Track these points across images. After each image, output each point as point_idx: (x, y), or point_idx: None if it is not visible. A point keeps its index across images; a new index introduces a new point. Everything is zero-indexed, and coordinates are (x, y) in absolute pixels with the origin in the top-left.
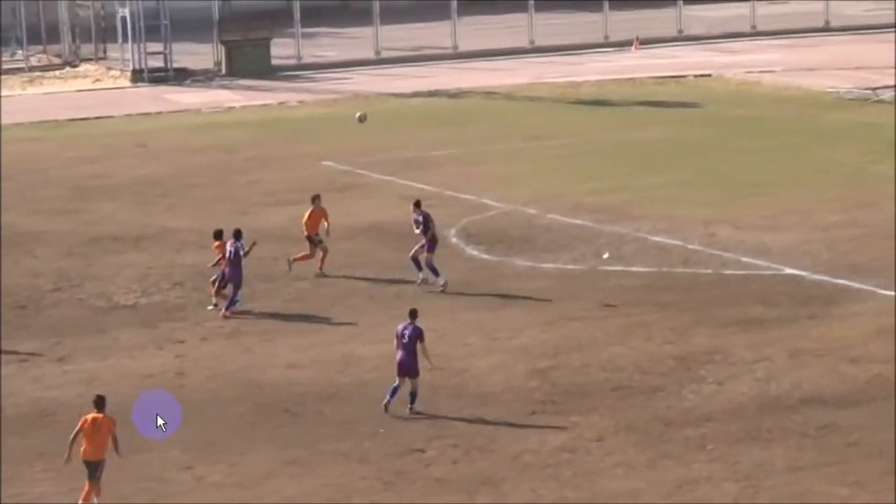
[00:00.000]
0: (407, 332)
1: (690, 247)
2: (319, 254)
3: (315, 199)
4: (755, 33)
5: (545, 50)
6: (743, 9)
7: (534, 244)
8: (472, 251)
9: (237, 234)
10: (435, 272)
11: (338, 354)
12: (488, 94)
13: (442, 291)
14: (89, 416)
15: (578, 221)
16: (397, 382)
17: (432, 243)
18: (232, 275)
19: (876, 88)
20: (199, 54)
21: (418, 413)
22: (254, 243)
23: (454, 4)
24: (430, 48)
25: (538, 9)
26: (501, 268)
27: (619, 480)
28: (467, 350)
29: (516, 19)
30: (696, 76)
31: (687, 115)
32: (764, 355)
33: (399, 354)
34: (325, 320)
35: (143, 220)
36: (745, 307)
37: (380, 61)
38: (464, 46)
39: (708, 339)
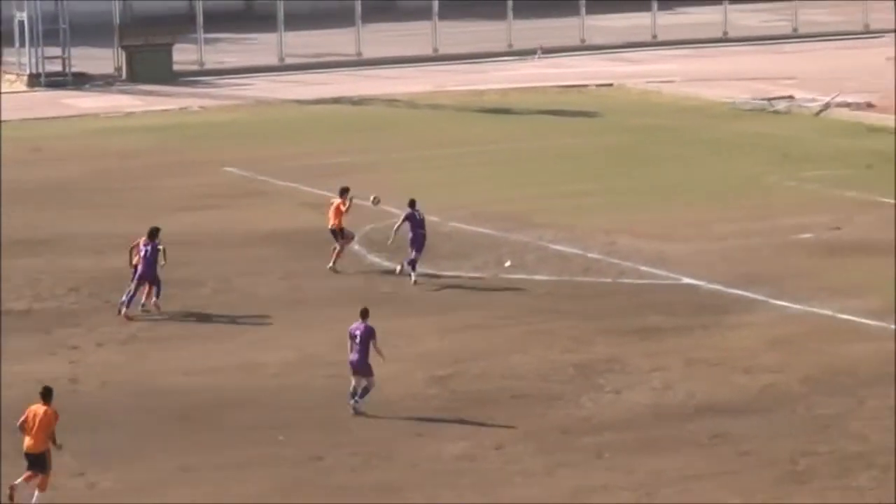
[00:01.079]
0: (359, 332)
1: (591, 256)
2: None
3: (344, 191)
4: (655, 43)
5: (449, 58)
6: (644, 19)
7: (435, 252)
8: (373, 258)
9: (153, 234)
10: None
11: (236, 361)
12: (391, 101)
13: (415, 283)
14: (35, 408)
15: (480, 230)
16: (354, 382)
17: (422, 244)
18: (145, 274)
19: (771, 99)
20: (100, 59)
21: (361, 413)
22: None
23: (358, 11)
24: (334, 55)
25: (442, 17)
26: (403, 275)
27: (518, 488)
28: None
29: (420, 27)
30: (597, 86)
31: (589, 125)
32: (660, 364)
33: (352, 355)
34: (224, 327)
35: (38, 225)
36: (643, 316)
37: (283, 67)
38: (367, 53)
39: (606, 348)
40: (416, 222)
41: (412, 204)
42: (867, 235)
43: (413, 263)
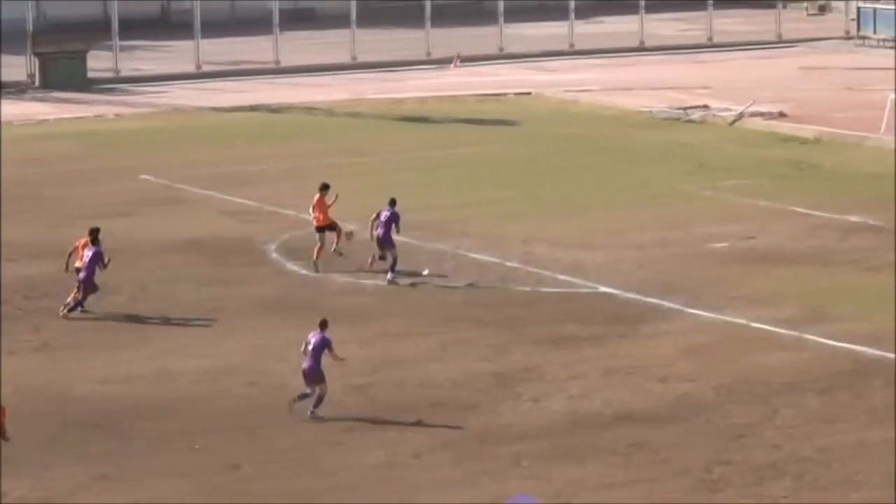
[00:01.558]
0: (314, 341)
1: (509, 264)
2: (334, 237)
3: (323, 187)
4: (573, 52)
5: (367, 66)
6: (561, 28)
7: (354, 260)
8: (291, 266)
9: (93, 234)
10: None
11: (152, 369)
12: (309, 109)
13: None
14: None
15: (398, 238)
16: (308, 390)
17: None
18: (87, 276)
19: (687, 108)
20: (12, 66)
21: (319, 417)
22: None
23: (275, 19)
24: (252, 63)
25: (360, 25)
26: (321, 283)
27: (437, 496)
28: (285, 366)
29: (338, 35)
30: (516, 94)
31: (507, 134)
32: (578, 373)
33: (305, 363)
34: (140, 335)
35: None
36: (561, 325)
37: (200, 75)
38: (285, 61)
39: (524, 357)
40: (381, 218)
41: (392, 203)
42: (781, 244)
43: (393, 260)
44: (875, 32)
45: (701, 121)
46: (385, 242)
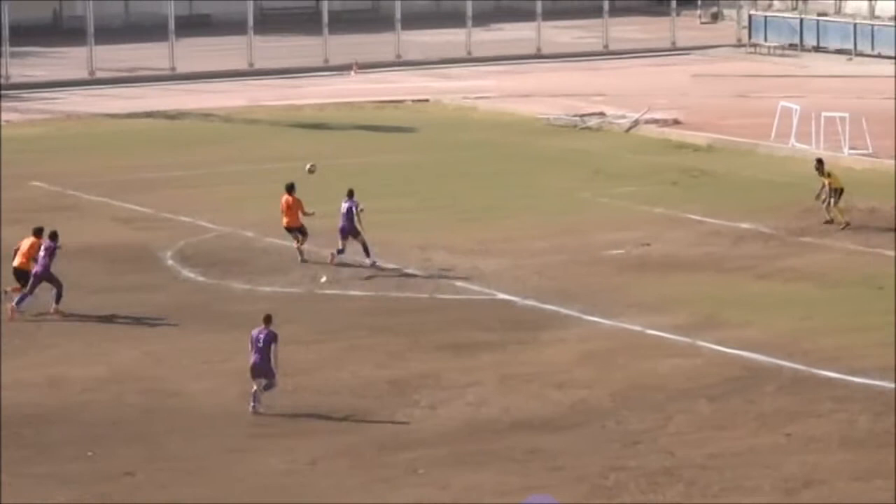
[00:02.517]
0: (262, 337)
1: (407, 271)
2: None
3: (289, 188)
4: (471, 59)
5: (264, 73)
6: (459, 35)
7: (251, 267)
8: (188, 274)
9: (52, 236)
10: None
11: (42, 377)
12: (207, 116)
13: (373, 265)
14: None
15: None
16: (255, 386)
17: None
18: (41, 274)
19: (583, 115)
20: None
21: (260, 413)
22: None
23: (171, 25)
24: (148, 69)
25: (257, 31)
26: (218, 291)
27: (334, 503)
28: (181, 373)
29: (235, 41)
30: (414, 101)
31: (405, 140)
32: (475, 380)
33: (253, 357)
34: (33, 342)
35: None
36: (458, 332)
37: (94, 81)
38: (182, 68)
39: (422, 364)
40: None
41: (350, 194)
42: (675, 251)
43: (342, 251)
44: (766, 40)
45: (597, 128)
46: (348, 233)
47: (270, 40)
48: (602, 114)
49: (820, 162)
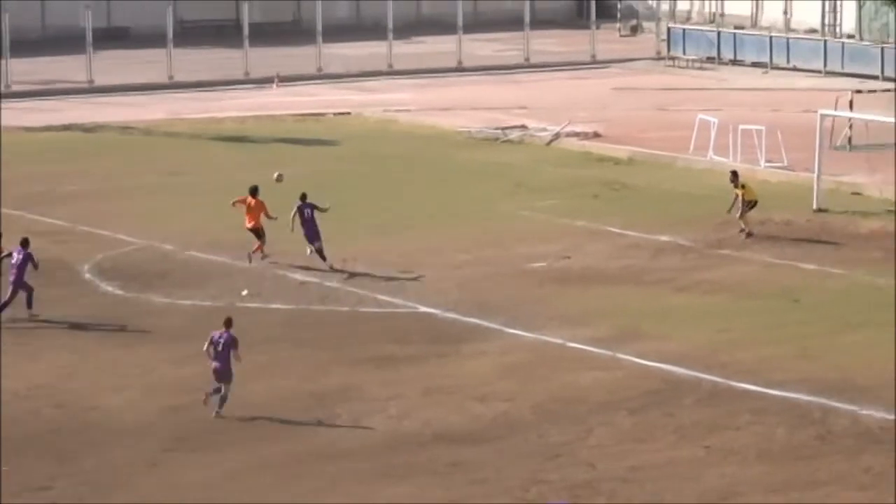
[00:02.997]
0: (222, 340)
1: (328, 284)
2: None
3: (253, 191)
4: (392, 72)
5: (184, 86)
6: (380, 48)
7: (171, 280)
8: (106, 287)
9: (24, 242)
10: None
11: None
12: (125, 128)
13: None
14: None
15: (217, 258)
16: (218, 386)
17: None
18: (17, 281)
19: (505, 128)
20: None
21: (222, 416)
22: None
23: (88, 37)
24: (65, 82)
25: (177, 44)
26: (137, 304)
27: None
28: (99, 386)
29: (154, 54)
30: (335, 114)
31: (326, 153)
32: (397, 393)
33: (213, 364)
34: None
35: None
36: (381, 345)
37: (10, 94)
38: (100, 81)
39: (343, 377)
40: (304, 215)
41: (303, 197)
42: (595, 264)
43: (320, 253)
44: (685, 53)
45: (518, 141)
46: (311, 235)
47: (190, 53)
48: (523, 127)
49: (734, 174)
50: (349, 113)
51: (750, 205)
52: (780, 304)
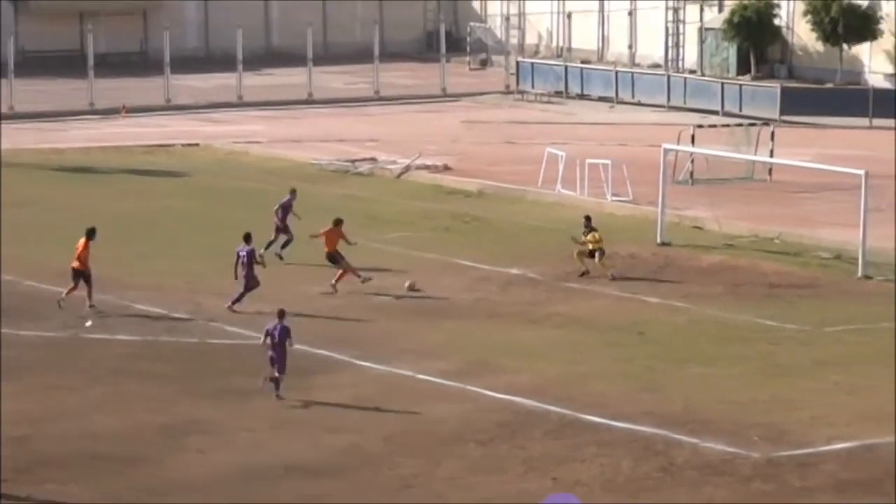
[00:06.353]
0: (276, 331)
1: (176, 316)
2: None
3: (338, 222)
4: (242, 104)
5: (26, 116)
6: (229, 79)
7: (12, 312)
8: None
9: None
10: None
11: None
12: None
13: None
14: None
15: (60, 289)
16: (273, 374)
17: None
18: None
19: (355, 161)
20: None
21: (282, 398)
22: None
23: None
24: None
25: (18, 74)
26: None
27: None
28: None
29: None
30: (184, 145)
31: (175, 185)
32: (247, 425)
33: (269, 353)
34: None
35: None
36: (231, 377)
37: None
38: None
39: (193, 409)
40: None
41: (246, 238)
42: (447, 297)
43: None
44: (533, 87)
45: (369, 174)
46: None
47: (32, 83)
48: (374, 159)
49: (588, 218)
50: (198, 144)
51: (600, 252)
52: (626, 338)
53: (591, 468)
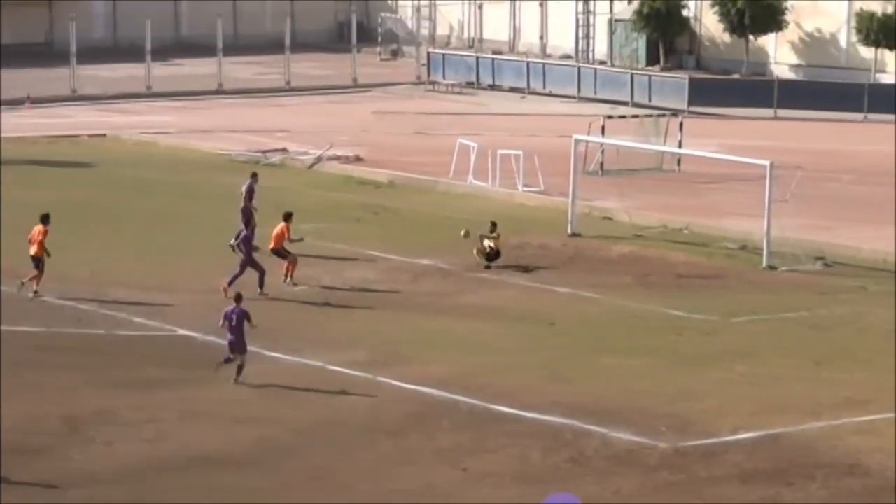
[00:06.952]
0: (235, 315)
1: (83, 307)
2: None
3: (288, 216)
4: (150, 94)
5: None
6: (138, 70)
7: None
8: None
9: None
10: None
11: None
12: None
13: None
14: None
15: None
16: (230, 356)
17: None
18: None
19: (266, 151)
20: None
21: (241, 384)
22: None
23: None
24: None
25: None
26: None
27: None
28: None
29: None
30: (90, 136)
31: (82, 176)
32: (154, 416)
33: (228, 336)
34: None
35: None
36: (137, 368)
37: None
38: None
39: (97, 400)
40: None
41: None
42: (356, 289)
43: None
44: (445, 78)
45: (280, 164)
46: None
47: None
48: (284, 150)
49: (494, 224)
50: (105, 135)
51: (495, 253)
52: (537, 329)
53: (502, 459)
